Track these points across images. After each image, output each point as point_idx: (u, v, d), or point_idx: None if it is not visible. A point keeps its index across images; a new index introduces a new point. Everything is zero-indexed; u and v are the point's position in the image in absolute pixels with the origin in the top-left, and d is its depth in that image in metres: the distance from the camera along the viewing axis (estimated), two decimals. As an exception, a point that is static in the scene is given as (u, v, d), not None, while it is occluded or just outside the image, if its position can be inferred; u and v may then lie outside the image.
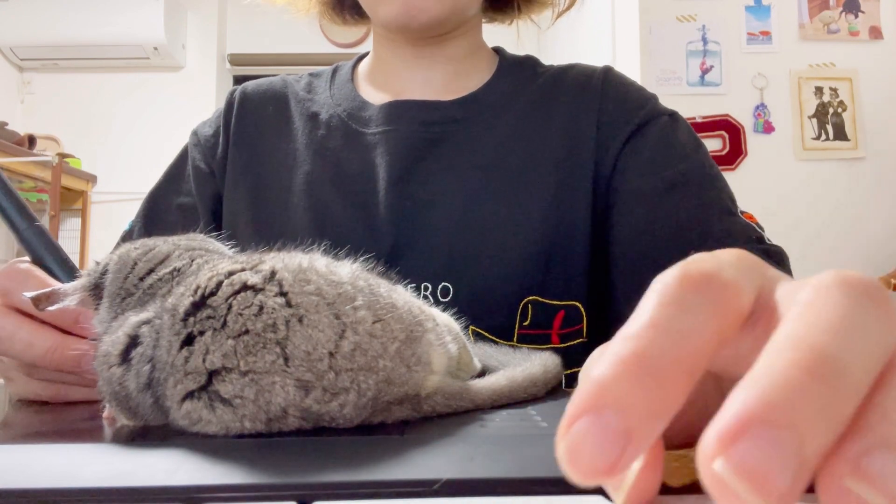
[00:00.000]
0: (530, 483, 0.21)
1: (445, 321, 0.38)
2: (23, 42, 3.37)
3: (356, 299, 0.29)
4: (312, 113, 0.70)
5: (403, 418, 0.30)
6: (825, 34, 2.29)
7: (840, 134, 2.26)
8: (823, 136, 2.26)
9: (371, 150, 0.65)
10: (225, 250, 0.39)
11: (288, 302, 0.28)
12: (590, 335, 0.62)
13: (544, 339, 0.61)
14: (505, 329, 0.60)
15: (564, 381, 0.44)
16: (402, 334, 0.30)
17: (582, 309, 0.62)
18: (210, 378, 0.27)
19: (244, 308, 0.28)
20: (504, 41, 0.75)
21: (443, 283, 0.61)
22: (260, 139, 0.70)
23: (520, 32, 0.78)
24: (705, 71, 2.28)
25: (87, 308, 0.36)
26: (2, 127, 2.87)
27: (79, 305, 0.36)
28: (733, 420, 0.14)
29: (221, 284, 0.29)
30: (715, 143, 2.23)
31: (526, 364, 0.39)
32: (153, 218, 0.70)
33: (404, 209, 0.63)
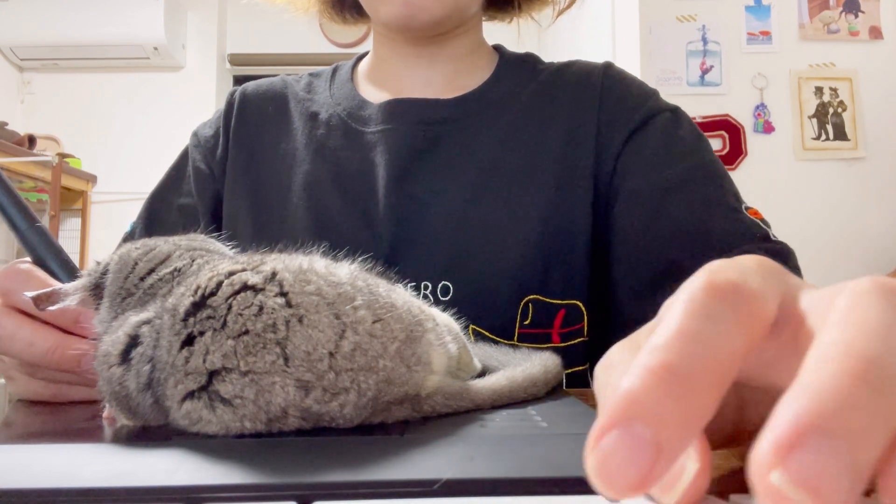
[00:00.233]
0: (530, 483, 0.21)
1: (445, 321, 0.38)
2: (23, 42, 3.37)
3: (356, 299, 0.29)
4: (312, 112, 0.70)
5: (403, 418, 0.30)
6: (825, 34, 2.29)
7: (840, 134, 2.26)
8: (823, 136, 2.26)
9: (371, 149, 0.65)
10: (226, 251, 0.39)
11: (288, 302, 0.28)
12: (591, 334, 0.62)
13: (545, 339, 0.61)
14: (505, 328, 0.60)
15: (565, 381, 0.44)
16: (402, 334, 0.30)
17: (583, 308, 0.62)
18: (210, 378, 0.27)
19: (244, 308, 0.28)
20: (504, 40, 0.75)
21: (443, 282, 0.60)
22: (260, 139, 0.70)
23: (521, 33, 0.78)
24: (705, 71, 2.28)
25: (88, 308, 0.36)
26: (2, 127, 2.87)
27: (79, 305, 0.36)
28: (789, 430, 0.14)
29: (222, 284, 0.29)
30: (715, 143, 2.23)
31: (526, 364, 0.39)
32: (154, 219, 0.70)
33: (404, 208, 0.63)
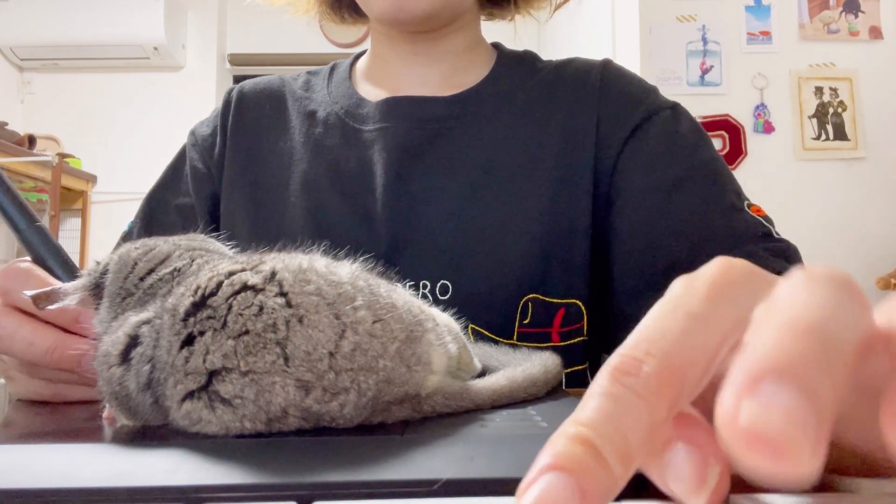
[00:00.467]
0: (530, 483, 0.21)
1: (445, 321, 0.38)
2: (23, 42, 3.37)
3: (356, 299, 0.29)
4: (310, 111, 0.70)
5: (403, 418, 0.30)
6: (825, 34, 2.29)
7: (840, 134, 2.26)
8: (823, 136, 2.26)
9: (368, 148, 0.65)
10: (225, 250, 0.39)
11: (288, 302, 0.28)
12: (590, 334, 0.62)
13: (544, 338, 0.60)
14: (505, 327, 0.60)
15: (564, 381, 0.44)
16: (402, 334, 0.30)
17: (582, 307, 0.61)
18: (210, 378, 0.27)
19: (244, 308, 0.28)
20: (502, 38, 0.75)
21: (442, 281, 0.60)
22: (257, 138, 0.70)
23: (519, 35, 0.77)
24: (705, 71, 2.28)
25: (88, 308, 0.36)
26: (2, 127, 2.87)
27: (79, 305, 0.36)
28: (745, 377, 0.15)
29: (222, 284, 0.29)
30: (715, 144, 2.21)
31: (526, 364, 0.39)
32: (152, 219, 0.70)
33: (402, 206, 0.62)
